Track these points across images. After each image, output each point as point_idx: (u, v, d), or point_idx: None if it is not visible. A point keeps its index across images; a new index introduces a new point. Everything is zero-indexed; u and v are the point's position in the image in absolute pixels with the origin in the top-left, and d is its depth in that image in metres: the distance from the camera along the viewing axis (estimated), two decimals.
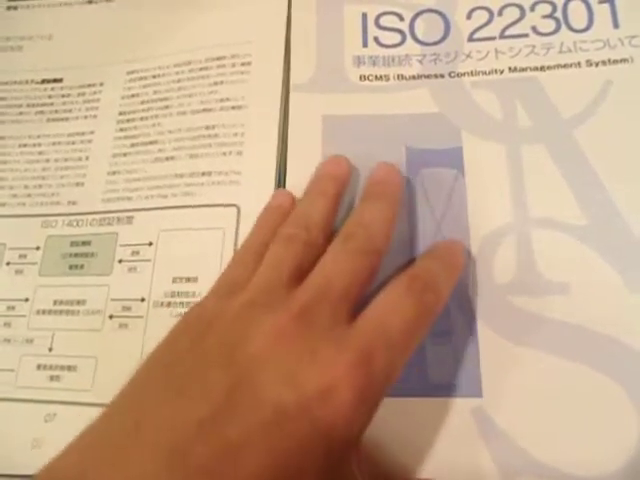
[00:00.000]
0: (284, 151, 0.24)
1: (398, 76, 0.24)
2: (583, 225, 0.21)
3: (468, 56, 0.24)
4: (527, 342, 0.19)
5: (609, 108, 0.22)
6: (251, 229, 0.21)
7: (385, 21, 0.25)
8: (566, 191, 0.21)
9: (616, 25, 0.24)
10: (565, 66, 0.23)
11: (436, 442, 0.19)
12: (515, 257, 0.21)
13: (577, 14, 0.24)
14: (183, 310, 0.22)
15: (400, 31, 0.25)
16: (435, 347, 0.20)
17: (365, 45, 0.25)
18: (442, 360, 0.20)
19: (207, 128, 0.25)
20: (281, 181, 0.23)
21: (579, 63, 0.23)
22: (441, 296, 0.18)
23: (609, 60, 0.23)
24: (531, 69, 0.23)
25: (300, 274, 0.17)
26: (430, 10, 0.25)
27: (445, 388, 0.19)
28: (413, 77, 0.24)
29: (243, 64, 0.26)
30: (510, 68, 0.24)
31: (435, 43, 0.25)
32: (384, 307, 0.16)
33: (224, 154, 0.24)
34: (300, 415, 0.14)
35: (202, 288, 0.22)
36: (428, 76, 0.24)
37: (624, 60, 0.23)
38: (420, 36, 0.25)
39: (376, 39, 0.25)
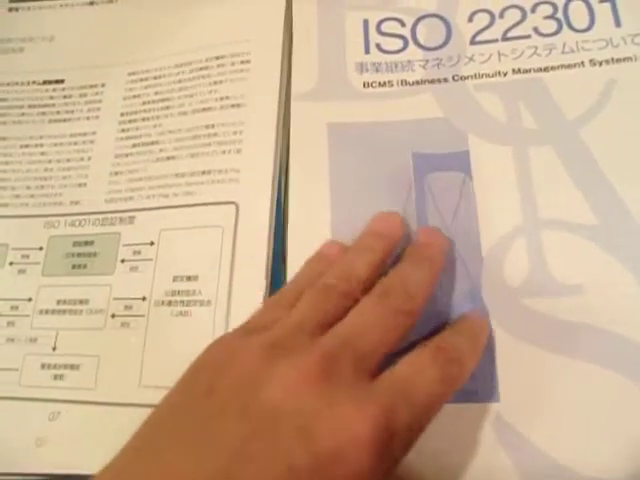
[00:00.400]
0: (284, 153, 0.24)
1: (401, 82, 0.24)
2: (593, 225, 0.21)
3: (471, 59, 0.24)
4: (542, 344, 0.19)
5: (614, 107, 0.22)
6: (294, 276, 0.21)
7: (387, 27, 0.25)
8: (575, 192, 0.21)
9: (618, 24, 0.24)
10: (568, 66, 0.23)
11: (454, 448, 0.19)
12: (526, 259, 0.21)
13: (578, 14, 0.24)
14: (183, 309, 0.22)
15: (402, 37, 0.25)
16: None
17: (367, 52, 0.25)
18: None
19: (207, 127, 0.25)
20: (281, 186, 0.23)
21: (582, 63, 0.23)
22: (465, 370, 0.17)
23: (612, 59, 0.23)
24: (535, 70, 0.23)
25: (330, 324, 0.17)
26: (431, 15, 0.25)
27: (462, 394, 0.19)
28: (417, 82, 0.24)
29: (242, 62, 0.26)
30: (514, 70, 0.24)
31: (437, 48, 0.25)
32: (408, 370, 0.16)
33: (224, 152, 0.24)
34: (314, 475, 0.13)
35: (202, 286, 0.22)
36: (432, 81, 0.24)
37: (627, 59, 0.23)
38: (422, 41, 0.25)
39: (378, 45, 0.25)
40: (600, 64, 0.23)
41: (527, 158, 0.22)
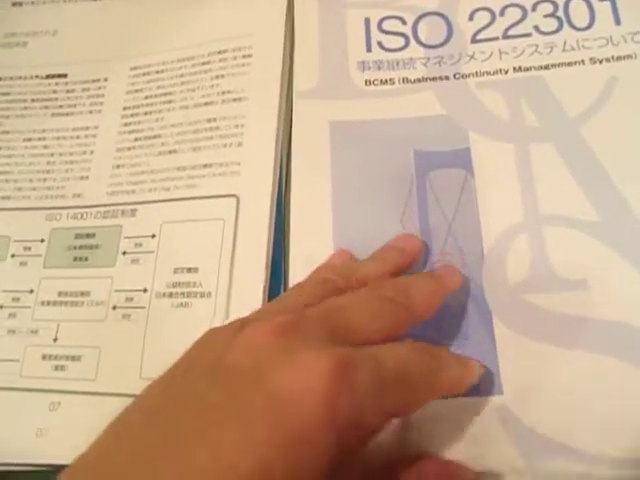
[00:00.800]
0: (286, 148, 0.24)
1: (403, 79, 0.24)
2: (595, 221, 0.21)
3: (472, 57, 0.24)
4: (544, 338, 0.19)
5: (615, 104, 0.22)
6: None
7: (388, 25, 0.26)
8: (576, 188, 0.21)
9: (618, 22, 0.24)
10: (569, 64, 0.23)
11: (461, 443, 0.19)
12: (528, 255, 0.21)
13: (578, 12, 0.24)
14: (184, 300, 0.22)
15: (403, 35, 0.25)
16: (453, 350, 0.20)
17: (369, 50, 0.25)
18: None
19: (209, 121, 0.25)
20: (282, 180, 0.24)
21: (583, 61, 0.23)
22: (444, 375, 0.16)
23: (613, 57, 0.23)
24: (535, 68, 0.24)
25: None
26: (432, 13, 0.25)
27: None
28: (418, 80, 0.24)
29: (244, 56, 0.26)
30: (515, 68, 0.24)
31: (439, 45, 0.25)
32: (385, 348, 0.15)
33: (225, 146, 0.24)
34: (266, 417, 0.13)
35: (202, 278, 0.22)
36: (433, 78, 0.24)
37: (628, 56, 0.23)
38: (423, 39, 0.25)
39: (380, 43, 0.25)
40: (600, 62, 0.23)
41: (528, 155, 0.22)
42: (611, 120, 0.22)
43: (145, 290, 0.23)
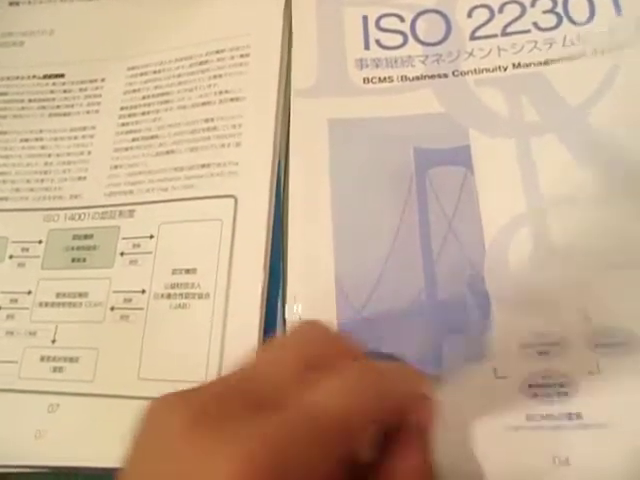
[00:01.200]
0: (284, 148, 0.24)
1: (401, 77, 0.24)
2: (601, 209, 0.21)
3: (471, 54, 0.24)
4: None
5: (618, 90, 0.22)
6: None
7: (386, 23, 0.26)
8: (581, 175, 0.21)
9: (619, 12, 0.24)
10: (570, 58, 0.23)
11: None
12: (530, 249, 0.21)
13: (578, 7, 0.24)
14: (182, 301, 0.22)
15: (401, 32, 0.25)
16: (451, 339, 0.20)
17: (367, 48, 0.25)
18: (459, 352, 0.20)
19: (206, 121, 0.25)
20: (280, 180, 0.24)
21: (584, 53, 0.23)
22: (395, 392, 0.15)
23: (615, 47, 0.23)
24: (535, 64, 0.23)
25: None
26: (430, 10, 0.25)
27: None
28: (417, 78, 0.24)
29: (242, 56, 0.26)
30: (514, 64, 0.24)
31: (437, 43, 0.25)
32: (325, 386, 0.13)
33: (223, 146, 0.24)
34: None
35: (200, 279, 0.22)
36: (432, 76, 0.24)
37: (630, 45, 0.23)
38: (422, 36, 0.25)
39: (378, 41, 0.25)
40: (602, 52, 0.23)
41: (529, 150, 0.22)
42: (615, 106, 0.22)
43: (143, 291, 0.23)
